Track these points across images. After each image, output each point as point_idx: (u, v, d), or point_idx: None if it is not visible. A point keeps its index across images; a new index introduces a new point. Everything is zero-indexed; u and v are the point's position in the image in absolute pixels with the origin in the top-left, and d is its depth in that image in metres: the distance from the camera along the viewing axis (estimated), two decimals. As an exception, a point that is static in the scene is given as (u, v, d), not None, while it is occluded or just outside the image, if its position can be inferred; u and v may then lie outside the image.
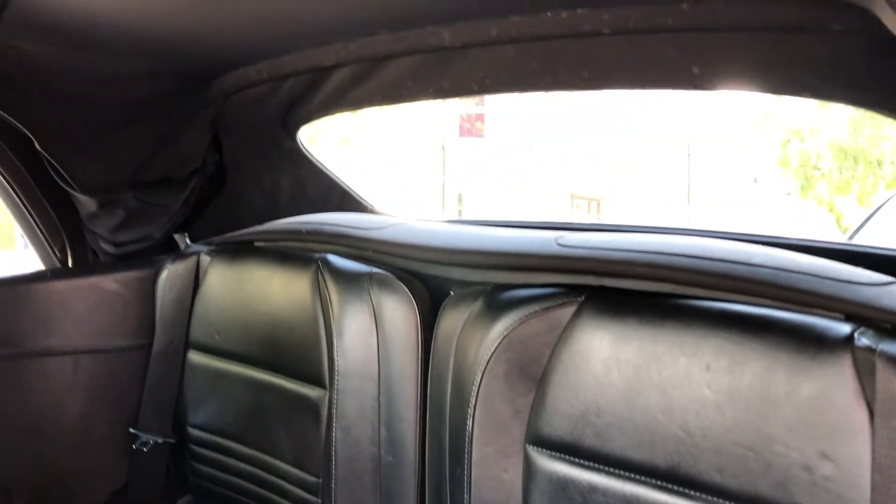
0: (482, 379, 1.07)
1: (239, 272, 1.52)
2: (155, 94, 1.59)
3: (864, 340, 0.80)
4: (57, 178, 1.56)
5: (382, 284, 1.28)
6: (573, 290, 1.06)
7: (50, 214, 1.69)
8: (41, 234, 1.71)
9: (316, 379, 1.34)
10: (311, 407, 1.34)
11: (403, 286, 1.26)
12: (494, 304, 1.11)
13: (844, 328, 0.83)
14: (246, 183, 1.82)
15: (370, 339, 1.28)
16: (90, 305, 1.61)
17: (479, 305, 1.13)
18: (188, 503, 1.67)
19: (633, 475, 0.94)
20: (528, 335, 1.05)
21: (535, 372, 1.05)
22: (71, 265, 1.73)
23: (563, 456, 1.00)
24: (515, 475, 1.07)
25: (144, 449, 1.62)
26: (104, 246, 1.70)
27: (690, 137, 21.92)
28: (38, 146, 1.50)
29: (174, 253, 1.70)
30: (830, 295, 0.87)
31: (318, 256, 1.39)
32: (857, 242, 2.97)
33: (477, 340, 1.09)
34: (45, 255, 1.75)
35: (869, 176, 11.51)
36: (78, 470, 1.62)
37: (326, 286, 1.33)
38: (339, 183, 1.87)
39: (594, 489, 0.97)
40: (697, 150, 21.95)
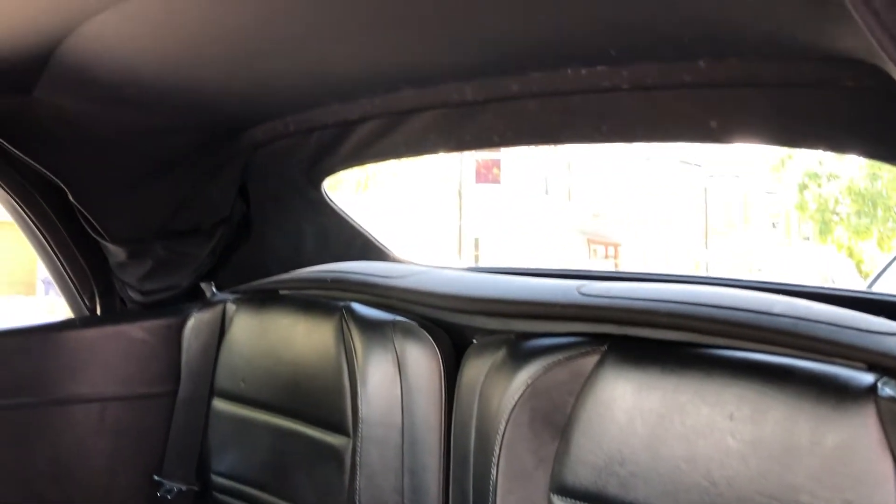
0: (506, 428, 1.08)
1: (264, 320, 1.54)
2: (186, 146, 1.64)
3: (887, 391, 0.80)
4: (88, 228, 1.60)
5: (406, 333, 1.29)
6: (596, 338, 1.07)
7: (80, 263, 1.73)
8: (71, 282, 1.75)
9: (340, 427, 1.34)
10: (334, 455, 1.35)
11: (427, 334, 1.27)
12: (517, 352, 1.12)
13: (867, 378, 0.83)
14: (271, 232, 1.86)
15: (394, 387, 1.29)
16: (118, 353, 1.63)
17: (502, 354, 1.15)
18: (212, 550, 1.68)
19: None
20: (551, 384, 1.06)
21: (558, 421, 1.06)
22: (99, 313, 1.76)
23: None
24: None
25: (169, 496, 1.62)
26: (132, 294, 1.74)
27: (707, 180, 21.93)
28: (71, 197, 1.55)
29: (201, 301, 1.72)
30: (852, 344, 0.88)
31: (342, 304, 1.40)
32: (877, 290, 2.96)
33: (500, 389, 1.10)
34: (74, 302, 1.78)
35: (888, 220, 11.46)
36: (103, 516, 1.63)
37: (350, 334, 1.35)
38: (361, 231, 1.90)
39: None
40: (714, 193, 21.92)
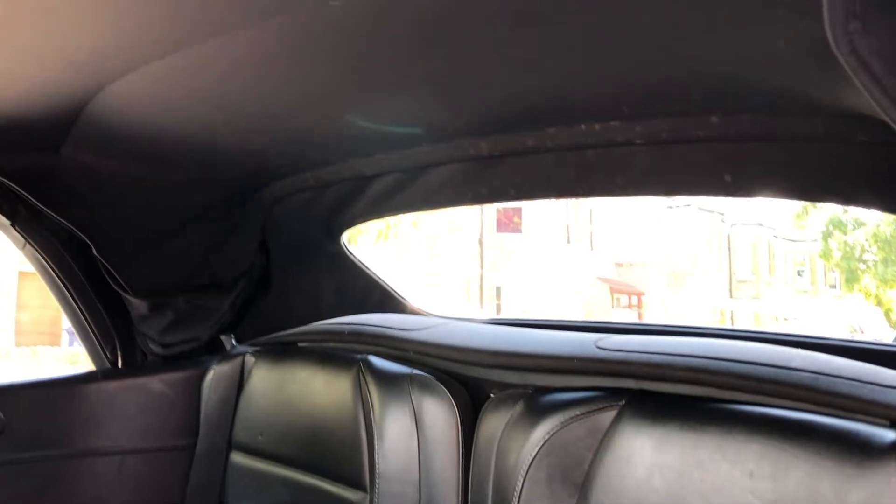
0: (524, 484, 1.07)
1: (282, 373, 1.54)
2: (208, 201, 1.67)
3: None
4: (111, 281, 1.63)
5: (423, 386, 1.29)
6: (614, 393, 1.06)
7: (103, 316, 1.75)
8: (94, 334, 1.76)
9: (357, 481, 1.33)
10: None
11: (444, 388, 1.27)
12: (535, 407, 1.12)
13: (890, 435, 0.82)
14: (290, 284, 1.88)
15: (411, 441, 1.28)
16: (138, 405, 1.64)
17: (519, 409, 1.14)
18: None
19: None
20: (569, 439, 1.05)
21: (577, 477, 1.04)
22: (121, 365, 1.78)
23: None
24: None
25: (186, 550, 1.61)
26: (153, 347, 1.75)
27: (730, 229, 21.83)
28: (95, 252, 1.58)
29: (220, 354, 1.73)
30: (873, 400, 0.87)
31: (359, 357, 1.41)
32: (904, 339, 2.91)
33: (518, 444, 1.10)
34: (96, 354, 1.80)
35: (917, 268, 11.32)
36: (121, 570, 1.61)
37: (368, 387, 1.35)
38: (379, 283, 1.91)
39: None
40: (738, 241, 21.78)
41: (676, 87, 1.08)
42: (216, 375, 1.65)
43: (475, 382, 1.29)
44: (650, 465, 0.96)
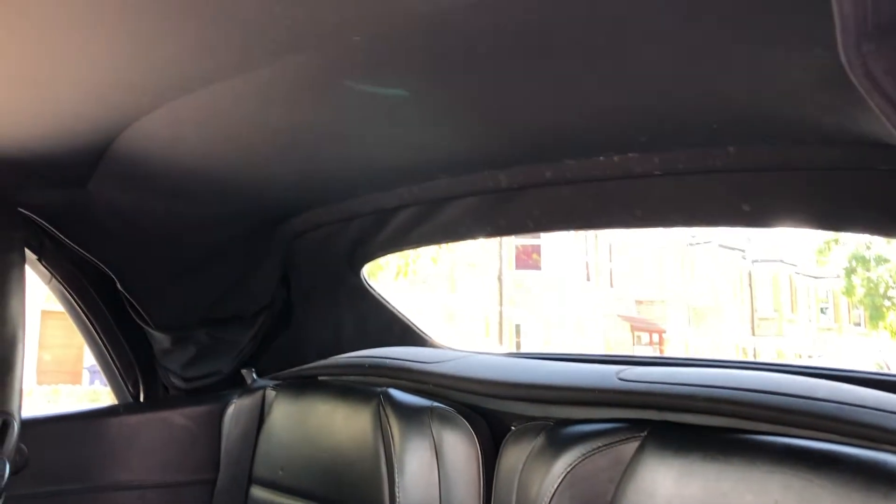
0: None
1: (303, 407, 1.55)
2: (230, 236, 1.70)
3: None
4: (135, 315, 1.65)
5: (443, 419, 1.29)
6: (635, 424, 1.06)
7: (126, 350, 1.76)
8: (116, 368, 1.78)
9: None
10: None
11: (465, 421, 1.27)
12: (556, 439, 1.11)
13: None
14: (311, 318, 1.89)
15: (431, 474, 1.28)
16: (159, 440, 1.65)
17: (540, 441, 1.13)
18: None
19: None
20: (591, 471, 1.05)
21: None
22: (143, 399, 1.79)
23: None
24: None
25: (206, 586, 1.60)
26: (175, 381, 1.76)
27: (751, 266, 21.66)
28: (119, 286, 1.60)
29: (241, 388, 1.74)
30: None
31: (380, 391, 1.41)
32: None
33: (539, 477, 1.09)
34: (118, 388, 1.81)
35: (943, 305, 11.16)
36: None
37: (388, 421, 1.35)
38: (399, 317, 1.92)
39: None
40: (759, 278, 21.60)
41: (693, 117, 1.09)
42: (237, 409, 1.66)
43: (496, 415, 1.28)
44: (673, 496, 0.95)
